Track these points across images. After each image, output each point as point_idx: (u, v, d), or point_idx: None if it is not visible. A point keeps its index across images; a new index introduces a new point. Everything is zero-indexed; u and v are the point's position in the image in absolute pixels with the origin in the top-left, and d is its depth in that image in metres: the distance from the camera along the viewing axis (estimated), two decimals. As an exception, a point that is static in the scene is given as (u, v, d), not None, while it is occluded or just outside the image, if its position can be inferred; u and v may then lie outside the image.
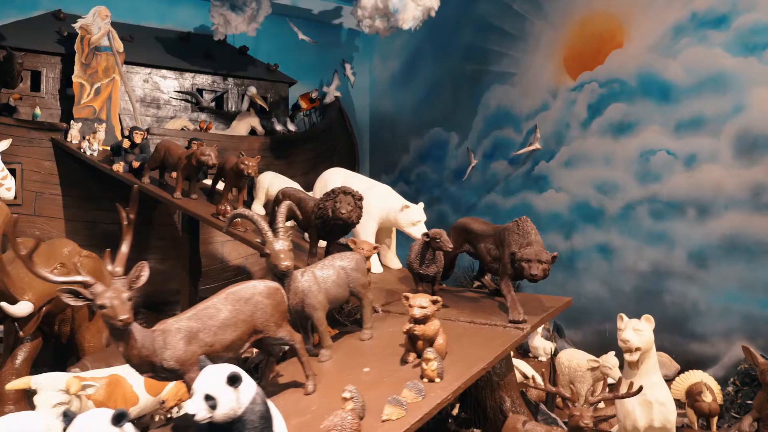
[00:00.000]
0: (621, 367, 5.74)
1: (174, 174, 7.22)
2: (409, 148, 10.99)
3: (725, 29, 5.82)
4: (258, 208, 6.76)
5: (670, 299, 6.25)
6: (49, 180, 7.69)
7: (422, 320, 3.58)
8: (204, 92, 9.56)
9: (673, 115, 6.31)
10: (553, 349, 6.92)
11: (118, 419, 2.29)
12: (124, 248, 3.01)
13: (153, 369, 2.93)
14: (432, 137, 10.33)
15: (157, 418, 4.98)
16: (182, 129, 8.80)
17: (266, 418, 2.59)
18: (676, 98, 6.29)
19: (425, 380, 3.39)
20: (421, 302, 3.59)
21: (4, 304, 4.74)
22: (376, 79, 12.20)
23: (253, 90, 9.57)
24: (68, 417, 2.29)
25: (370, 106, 12.32)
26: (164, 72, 9.14)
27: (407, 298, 3.67)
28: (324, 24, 11.61)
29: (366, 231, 5.52)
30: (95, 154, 7.38)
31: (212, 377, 2.46)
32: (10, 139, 7.06)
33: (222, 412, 2.43)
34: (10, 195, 7.30)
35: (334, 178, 5.97)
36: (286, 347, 4.15)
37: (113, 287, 2.78)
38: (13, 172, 7.35)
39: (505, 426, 4.13)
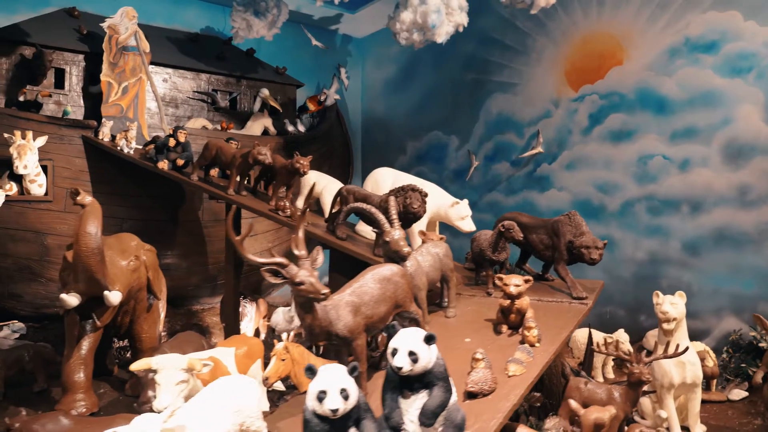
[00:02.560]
0: (631, 342, 6.71)
1: (213, 172, 7.59)
2: (406, 149, 11.66)
3: (715, 54, 6.89)
4: (302, 205, 7.20)
5: (666, 283, 7.25)
6: (79, 177, 7.78)
7: (518, 296, 4.28)
8: (218, 93, 9.83)
9: (669, 125, 7.35)
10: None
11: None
12: (300, 234, 3.50)
13: (328, 337, 3.43)
14: (431, 140, 11.05)
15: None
16: (202, 128, 9.06)
17: (446, 369, 3.18)
18: (671, 111, 7.33)
19: (526, 345, 4.08)
20: (515, 281, 4.28)
21: (106, 292, 5.01)
22: (368, 83, 12.79)
23: (266, 92, 9.94)
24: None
25: (363, 108, 12.91)
26: (183, 72, 9.35)
27: (501, 279, 4.36)
28: (322, 29, 12.08)
29: (419, 225, 6.14)
30: (132, 152, 7.58)
31: (411, 337, 3.01)
32: (46, 136, 7.20)
33: (421, 365, 2.98)
34: (41, 191, 7.45)
35: (384, 176, 6.55)
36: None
37: (305, 267, 3.27)
38: (44, 168, 7.45)
39: (569, 387, 4.88)
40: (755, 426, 5.46)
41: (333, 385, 2.74)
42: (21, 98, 7.68)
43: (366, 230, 6.40)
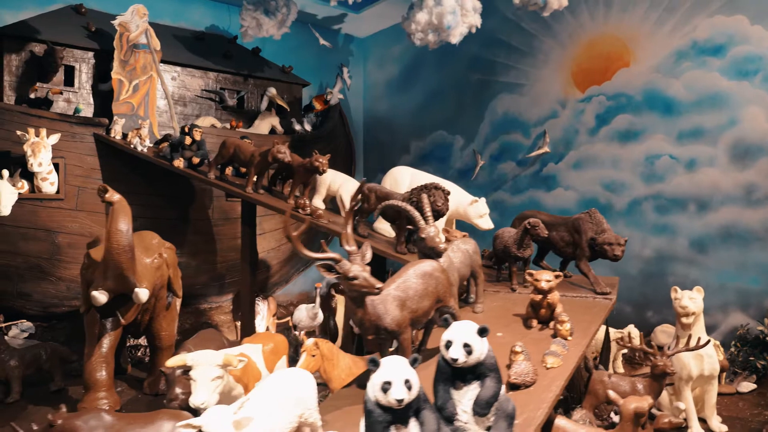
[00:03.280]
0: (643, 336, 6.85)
1: (227, 170, 7.60)
2: (409, 148, 11.75)
3: (722, 57, 7.10)
4: (318, 203, 7.25)
5: (673, 280, 7.45)
6: (91, 175, 7.73)
7: (549, 291, 4.39)
8: (226, 91, 9.83)
9: (676, 126, 7.55)
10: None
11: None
12: (349, 230, 3.56)
13: (377, 332, 3.51)
14: (435, 139, 11.15)
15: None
16: (211, 126, 9.05)
17: (496, 361, 3.28)
18: (678, 112, 7.52)
19: (559, 338, 4.20)
20: (546, 277, 4.39)
21: (136, 290, 5.01)
22: (371, 83, 12.86)
23: (273, 91, 9.95)
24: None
25: (365, 108, 12.99)
26: (191, 70, 9.33)
27: (531, 275, 4.48)
28: (324, 29, 12.12)
29: (438, 223, 6.24)
30: (145, 150, 7.56)
31: (466, 329, 3.08)
32: (59, 134, 7.15)
33: (475, 357, 3.07)
34: (53, 189, 7.40)
35: (402, 175, 6.63)
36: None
37: (357, 262, 3.34)
38: (56, 166, 7.40)
39: (593, 380, 5.02)
40: (766, 416, 5.65)
41: (397, 376, 2.80)
42: (32, 95, 7.61)
43: (385, 228, 6.48)
